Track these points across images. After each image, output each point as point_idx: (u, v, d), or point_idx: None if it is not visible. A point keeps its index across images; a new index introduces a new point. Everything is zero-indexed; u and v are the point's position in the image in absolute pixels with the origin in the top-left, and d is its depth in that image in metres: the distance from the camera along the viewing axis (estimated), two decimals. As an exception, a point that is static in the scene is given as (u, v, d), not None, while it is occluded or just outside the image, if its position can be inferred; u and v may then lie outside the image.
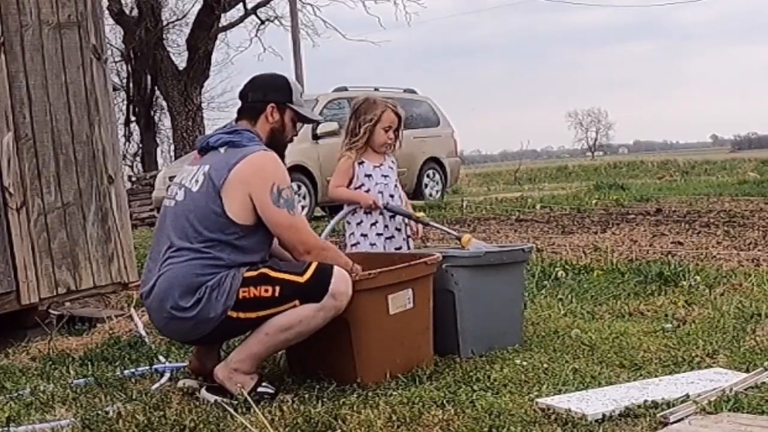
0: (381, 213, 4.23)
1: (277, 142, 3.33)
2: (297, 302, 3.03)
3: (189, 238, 3.09)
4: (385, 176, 4.28)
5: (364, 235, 4.24)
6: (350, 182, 4.26)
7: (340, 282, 3.05)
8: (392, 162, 4.36)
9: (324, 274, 3.05)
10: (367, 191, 4.23)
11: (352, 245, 4.26)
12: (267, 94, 3.36)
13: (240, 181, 3.09)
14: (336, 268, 3.07)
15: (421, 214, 4.38)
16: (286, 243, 3.20)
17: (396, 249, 4.23)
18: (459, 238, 4.12)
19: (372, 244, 4.21)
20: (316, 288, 3.02)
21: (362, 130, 4.21)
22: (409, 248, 4.31)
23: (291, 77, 3.47)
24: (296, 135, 3.47)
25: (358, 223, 4.26)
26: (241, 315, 3.04)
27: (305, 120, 3.54)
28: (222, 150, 3.22)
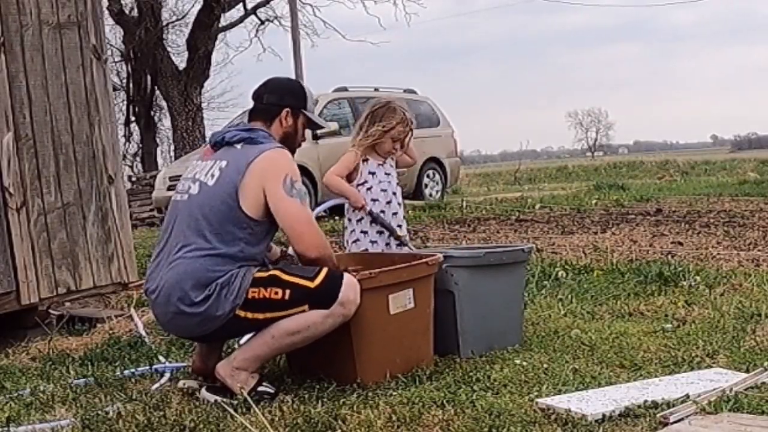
0: (371, 217, 4.27)
1: (288, 146, 3.34)
2: (306, 307, 3.03)
3: (202, 232, 3.09)
4: (388, 174, 4.35)
5: (364, 232, 4.29)
6: (351, 178, 4.31)
7: (350, 290, 3.05)
8: (391, 163, 4.41)
9: (334, 280, 3.05)
10: (370, 188, 4.28)
11: (353, 242, 4.30)
12: (283, 98, 3.38)
13: (256, 175, 3.11)
14: (346, 276, 3.09)
15: (404, 234, 4.37)
16: (294, 233, 3.14)
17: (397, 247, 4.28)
18: None
19: (373, 242, 4.26)
20: (326, 294, 3.03)
21: (373, 133, 4.25)
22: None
23: (305, 83, 3.50)
24: (304, 140, 3.51)
25: (359, 220, 4.30)
26: (249, 315, 3.04)
27: (317, 127, 3.58)
28: (239, 146, 3.24)
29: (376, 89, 13.19)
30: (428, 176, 13.72)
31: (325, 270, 3.09)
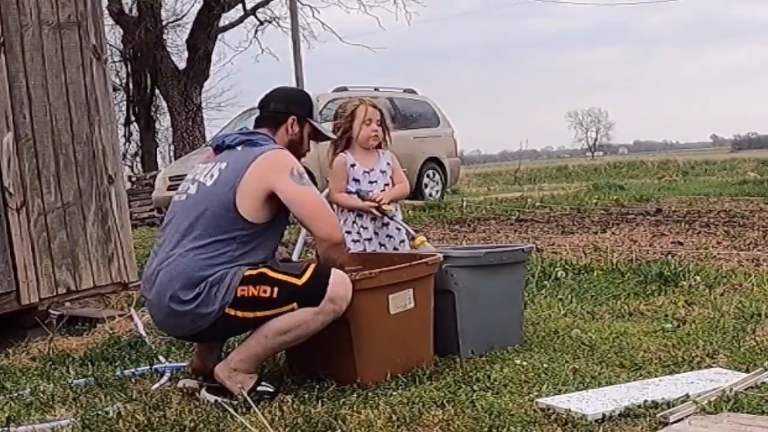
0: (373, 218, 4.27)
1: (292, 154, 3.33)
2: (295, 305, 3.02)
3: (196, 232, 3.10)
4: (372, 182, 4.31)
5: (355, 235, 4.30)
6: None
7: (339, 286, 3.05)
8: (387, 164, 4.36)
9: (321, 277, 3.05)
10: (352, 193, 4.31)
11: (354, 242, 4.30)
12: (289, 107, 3.42)
13: (257, 176, 3.11)
14: (334, 272, 3.07)
15: (389, 208, 4.32)
16: (314, 218, 3.12)
17: (394, 248, 4.27)
18: (413, 238, 4.17)
19: (367, 239, 4.26)
20: (314, 291, 3.02)
21: (341, 129, 4.32)
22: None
23: (305, 84, 3.55)
24: (309, 150, 3.53)
25: (353, 222, 4.31)
26: (239, 314, 3.04)
27: (322, 137, 3.59)
28: (239, 148, 3.26)
29: (376, 89, 13.19)
30: (428, 176, 13.73)
31: (312, 267, 3.09)
